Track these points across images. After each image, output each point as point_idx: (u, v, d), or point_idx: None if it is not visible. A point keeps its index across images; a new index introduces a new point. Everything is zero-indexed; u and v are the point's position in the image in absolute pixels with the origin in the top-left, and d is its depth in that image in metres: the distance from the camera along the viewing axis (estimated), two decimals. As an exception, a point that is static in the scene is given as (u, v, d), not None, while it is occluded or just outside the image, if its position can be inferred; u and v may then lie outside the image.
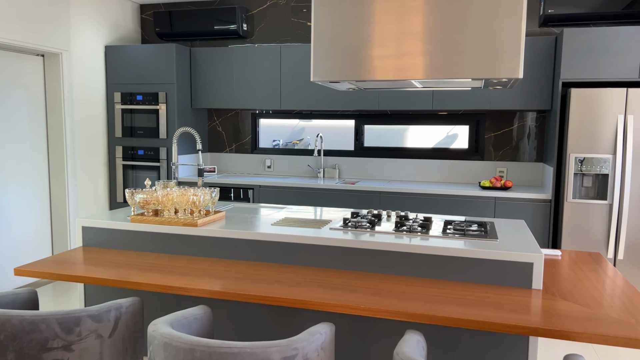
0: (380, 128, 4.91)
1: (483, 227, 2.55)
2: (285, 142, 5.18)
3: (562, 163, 3.87)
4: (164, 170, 4.85)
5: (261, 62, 4.76)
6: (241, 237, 2.48)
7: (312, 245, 2.38)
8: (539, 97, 4.12)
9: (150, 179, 4.89)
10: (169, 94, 4.78)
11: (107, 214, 2.87)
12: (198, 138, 3.03)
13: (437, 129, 4.76)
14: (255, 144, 5.27)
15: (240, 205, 3.31)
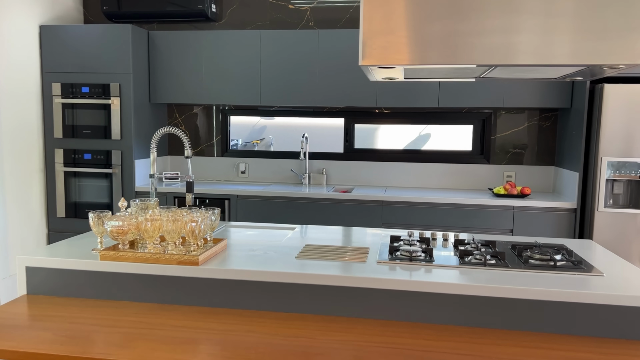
0: (371, 128, 4.32)
1: (568, 255, 2.02)
2: (244, 142, 4.48)
3: (589, 167, 3.45)
4: (117, 178, 4.00)
5: (237, 51, 4.03)
6: (263, 279, 1.80)
7: (364, 290, 1.74)
8: (557, 93, 3.70)
9: (100, 188, 4.03)
10: (123, 86, 3.94)
11: (63, 247, 2.08)
12: (187, 141, 2.31)
13: (436, 128, 4.24)
14: (226, 146, 4.52)
15: (233, 225, 2.60)
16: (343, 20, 4.19)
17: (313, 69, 3.93)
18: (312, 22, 4.24)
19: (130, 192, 4.00)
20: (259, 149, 4.49)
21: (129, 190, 4.01)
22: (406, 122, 4.25)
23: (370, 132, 4.33)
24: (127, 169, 3.99)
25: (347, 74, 3.90)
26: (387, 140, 4.32)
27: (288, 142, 4.45)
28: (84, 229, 4.09)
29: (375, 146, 4.34)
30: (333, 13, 4.20)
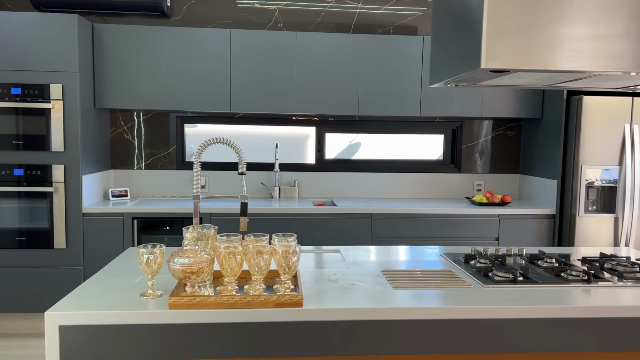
0: (340, 137, 4.13)
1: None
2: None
3: (566, 175, 3.62)
4: (59, 198, 3.31)
5: (204, 51, 3.59)
6: (386, 317, 1.51)
7: (513, 321, 1.54)
8: (529, 104, 3.84)
9: (34, 212, 3.31)
10: (67, 88, 3.28)
11: (91, 297, 1.58)
12: (241, 154, 1.92)
13: (407, 138, 4.18)
14: (181, 157, 4.01)
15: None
16: (314, 23, 3.95)
17: (290, 74, 3.64)
18: (280, 23, 3.94)
19: (76, 214, 3.34)
20: (218, 160, 4.05)
21: (74, 213, 3.34)
22: (378, 132, 4.12)
23: (338, 142, 4.14)
24: (72, 187, 3.33)
25: (327, 79, 3.67)
26: (359, 150, 4.16)
27: (253, 153, 4.08)
28: (12, 262, 3.32)
29: (346, 156, 4.15)
30: (303, 16, 3.94)
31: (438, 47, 2.02)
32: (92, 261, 3.40)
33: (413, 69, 3.71)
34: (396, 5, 3.97)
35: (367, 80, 3.69)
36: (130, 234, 3.42)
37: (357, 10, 3.96)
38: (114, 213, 3.40)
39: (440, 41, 2.00)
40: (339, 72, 3.67)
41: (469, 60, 1.68)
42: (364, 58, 3.67)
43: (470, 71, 1.66)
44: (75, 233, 3.35)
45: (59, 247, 3.34)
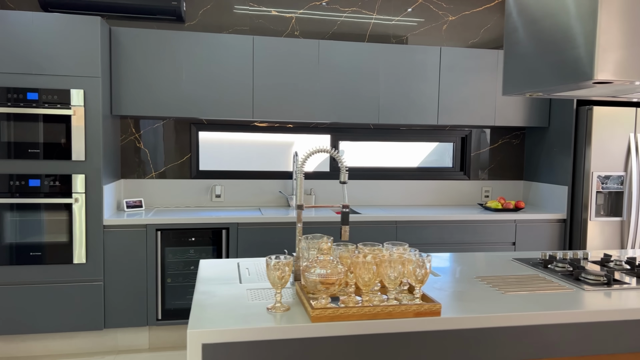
0: (355, 145, 4.15)
1: None
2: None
3: (576, 181, 3.81)
4: (80, 210, 3.13)
5: (227, 57, 3.51)
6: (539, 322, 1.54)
7: None
8: (537, 113, 4.01)
9: (52, 225, 3.10)
10: (89, 93, 3.11)
11: (233, 312, 1.51)
12: (343, 163, 1.90)
13: (418, 146, 4.26)
14: (196, 166, 3.89)
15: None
16: (330, 32, 3.96)
17: (312, 82, 3.63)
18: (297, 31, 3.92)
19: (96, 226, 3.16)
20: (233, 169, 3.96)
21: (94, 225, 3.16)
22: (391, 140, 4.18)
23: (354, 150, 4.16)
24: (93, 198, 3.15)
25: (348, 87, 3.68)
26: (371, 158, 4.20)
27: (268, 161, 4.02)
28: (28, 280, 3.10)
29: (359, 164, 4.17)
30: (320, 25, 3.94)
31: (514, 59, 2.09)
32: (112, 276, 3.23)
33: (430, 78, 3.80)
34: (409, 17, 4.05)
35: (387, 88, 3.73)
36: (154, 247, 3.28)
37: (372, 21, 4.01)
38: (137, 225, 3.25)
39: (517, 54, 2.07)
40: (360, 80, 3.69)
41: (568, 72, 1.75)
42: (383, 67, 3.72)
43: (573, 82, 1.73)
44: (95, 246, 3.17)
45: (78, 261, 3.15)
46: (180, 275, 3.35)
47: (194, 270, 3.36)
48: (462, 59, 3.83)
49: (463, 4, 4.14)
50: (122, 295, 3.25)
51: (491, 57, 3.88)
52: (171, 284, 3.34)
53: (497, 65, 3.90)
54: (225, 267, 2.05)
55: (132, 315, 3.28)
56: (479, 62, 3.86)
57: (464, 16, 4.16)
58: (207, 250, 3.38)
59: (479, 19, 4.18)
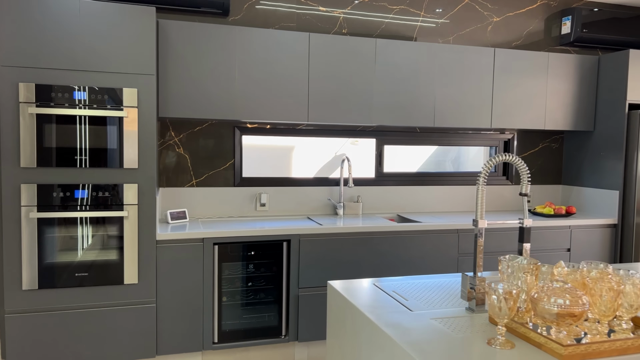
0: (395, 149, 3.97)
1: None
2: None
3: (627, 186, 3.79)
4: (131, 224, 2.78)
5: (282, 56, 3.25)
6: None
7: None
8: (582, 117, 3.97)
9: (102, 240, 2.75)
10: (143, 93, 2.78)
11: (451, 346, 1.28)
12: (526, 173, 1.71)
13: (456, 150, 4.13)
14: (239, 173, 3.59)
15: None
16: (378, 31, 3.77)
17: (369, 82, 3.42)
18: (345, 29, 3.70)
19: (149, 242, 2.83)
20: (278, 176, 3.69)
21: (147, 240, 2.83)
22: (436, 144, 4.03)
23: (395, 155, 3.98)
24: (145, 211, 2.82)
25: (405, 89, 3.50)
26: (408, 162, 4.03)
27: (312, 167, 3.77)
28: (73, 304, 2.73)
29: (399, 169, 4.00)
30: (366, 24, 3.74)
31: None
32: (165, 296, 2.90)
33: (485, 80, 3.67)
34: (455, 17, 3.92)
35: (442, 90, 3.58)
36: (211, 263, 2.97)
37: (419, 23, 3.85)
38: (193, 239, 2.93)
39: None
40: (416, 81, 3.52)
41: None
42: (439, 67, 3.56)
43: None
44: (148, 264, 2.84)
45: (130, 281, 2.80)
46: (237, 294, 3.06)
47: (252, 287, 3.08)
48: (513, 61, 3.74)
49: (507, 5, 4.05)
50: (175, 317, 2.93)
51: (541, 59, 3.81)
52: (228, 302, 3.04)
53: (547, 67, 3.83)
54: (363, 290, 1.82)
55: (187, 338, 2.96)
56: (530, 63, 3.78)
57: (508, 18, 4.07)
58: (266, 265, 3.11)
59: (522, 21, 4.11)
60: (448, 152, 4.12)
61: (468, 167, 4.18)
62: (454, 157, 4.13)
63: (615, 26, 4.09)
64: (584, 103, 3.96)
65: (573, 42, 4.09)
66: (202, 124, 3.47)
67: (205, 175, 3.50)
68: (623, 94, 3.75)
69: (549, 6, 4.17)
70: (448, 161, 4.11)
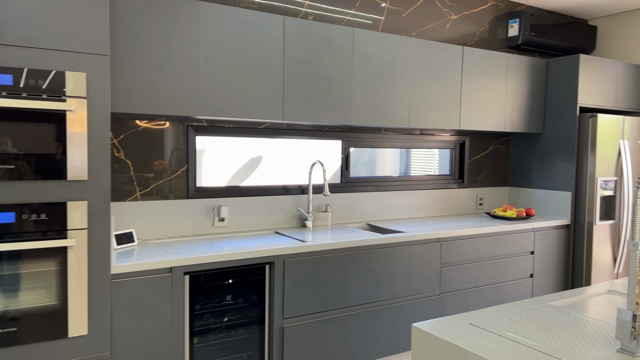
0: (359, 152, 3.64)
1: None
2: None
3: (578, 186, 3.89)
4: (78, 256, 2.06)
5: (251, 40, 2.71)
6: None
7: None
8: (532, 119, 4.01)
9: (38, 279, 1.98)
10: (94, 80, 2.07)
11: None
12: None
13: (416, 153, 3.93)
14: (194, 181, 2.95)
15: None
16: (341, 24, 3.39)
17: (347, 77, 3.03)
18: (311, 16, 3.26)
19: (101, 278, 2.13)
20: (238, 184, 3.12)
21: (99, 276, 2.12)
22: (400, 146, 3.77)
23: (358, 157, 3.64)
24: (98, 237, 2.11)
25: (383, 86, 3.18)
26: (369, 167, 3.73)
27: (276, 172, 3.27)
28: (-6, 373, 1.93)
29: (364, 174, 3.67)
30: (328, 19, 3.35)
31: None
32: (124, 347, 2.22)
33: (454, 79, 3.50)
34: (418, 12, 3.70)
35: (417, 88, 3.32)
36: (181, 298, 2.35)
37: (383, 17, 3.55)
38: (160, 270, 2.29)
39: None
40: (392, 78, 3.21)
41: None
42: (413, 63, 3.30)
43: None
44: (100, 308, 2.14)
45: (77, 333, 2.08)
46: (211, 332, 2.47)
47: (228, 322, 2.51)
48: (478, 60, 3.62)
49: (463, 2, 3.94)
50: (138, 372, 2.26)
51: (502, 60, 3.75)
52: (200, 344, 2.44)
53: (507, 68, 3.78)
54: (469, 334, 1.44)
55: (152, 398, 2.30)
56: (492, 64, 3.69)
57: (464, 16, 3.96)
58: (245, 295, 2.56)
59: (476, 20, 4.03)
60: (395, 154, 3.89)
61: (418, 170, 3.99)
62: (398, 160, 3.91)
63: (557, 32, 4.21)
64: (535, 105, 4.00)
65: (520, 45, 4.11)
66: (148, 122, 2.79)
67: (152, 185, 2.82)
68: (574, 97, 3.84)
69: (498, 7, 4.15)
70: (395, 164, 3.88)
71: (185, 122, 2.89)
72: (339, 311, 2.83)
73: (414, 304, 3.10)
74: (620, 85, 4.09)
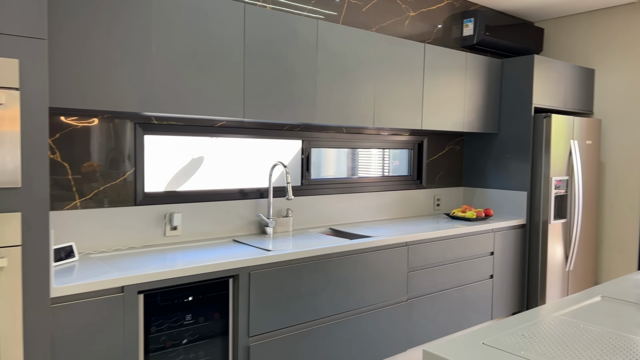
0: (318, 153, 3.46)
1: None
2: None
3: (533, 186, 3.91)
4: (10, 279, 1.71)
5: (209, 29, 2.45)
6: None
7: None
8: (487, 120, 4.00)
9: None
10: (28, 68, 1.73)
11: None
12: None
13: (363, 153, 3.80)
14: (142, 186, 2.63)
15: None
16: (307, 9, 3.19)
17: (312, 73, 2.83)
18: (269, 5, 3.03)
19: (39, 302, 1.79)
20: (191, 189, 2.83)
21: (35, 302, 1.79)
22: (362, 147, 3.61)
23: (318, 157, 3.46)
24: (35, 254, 1.78)
25: (347, 83, 3.00)
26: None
27: (232, 175, 3.01)
28: None
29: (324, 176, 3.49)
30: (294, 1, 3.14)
31: None
32: (67, 382, 1.89)
33: (415, 78, 3.40)
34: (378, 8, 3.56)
35: (381, 87, 3.18)
36: (135, 321, 2.05)
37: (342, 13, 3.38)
38: (110, 289, 1.98)
39: None
40: (356, 74, 3.05)
41: None
42: (377, 60, 3.15)
43: None
44: (38, 339, 1.80)
45: (10, 372, 1.74)
46: (169, 356, 2.18)
47: (187, 344, 2.23)
48: (439, 59, 3.54)
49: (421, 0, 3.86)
50: (84, 410, 1.94)
51: (461, 59, 3.70)
52: (157, 372, 2.15)
53: (466, 67, 3.73)
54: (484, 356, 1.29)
55: None
56: (452, 63, 3.63)
57: (422, 13, 3.88)
58: (207, 313, 2.29)
59: (432, 18, 3.96)
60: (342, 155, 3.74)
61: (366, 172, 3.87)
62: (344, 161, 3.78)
63: (508, 33, 4.23)
64: (491, 106, 3.99)
65: (475, 44, 4.09)
66: (88, 118, 2.44)
67: (94, 191, 2.47)
68: (529, 97, 3.86)
69: (453, 6, 4.11)
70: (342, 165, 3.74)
71: (133, 119, 2.57)
72: (308, 325, 2.62)
73: (382, 312, 2.96)
74: (569, 86, 4.18)
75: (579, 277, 4.19)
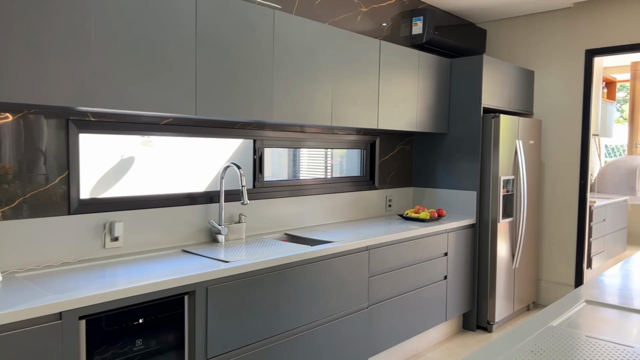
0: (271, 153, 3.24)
1: None
2: None
3: (482, 186, 3.93)
4: None
5: (159, 14, 2.17)
6: None
7: None
8: (440, 119, 3.97)
9: None
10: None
11: None
12: None
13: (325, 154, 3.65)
14: (76, 192, 2.29)
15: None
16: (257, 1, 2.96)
17: (268, 66, 2.62)
18: None
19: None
20: (134, 194, 2.52)
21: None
22: (316, 147, 3.44)
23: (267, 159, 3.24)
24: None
25: (306, 77, 2.82)
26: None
27: (178, 177, 2.72)
28: None
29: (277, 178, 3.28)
30: None
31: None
32: None
33: (371, 76, 3.27)
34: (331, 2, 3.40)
35: (338, 84, 3.03)
36: (76, 350, 1.75)
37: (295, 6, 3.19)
38: (44, 317, 1.67)
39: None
40: (313, 70, 2.87)
41: None
42: (334, 55, 2.99)
43: None
44: (-45, 384, 1.47)
45: None
46: (116, 390, 1.90)
47: (138, 373, 1.96)
48: (393, 57, 3.44)
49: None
50: None
51: (414, 57, 3.63)
52: (102, 409, 1.85)
53: (418, 66, 3.67)
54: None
55: None
56: (405, 61, 3.55)
57: (373, 9, 3.77)
58: (159, 336, 2.02)
59: (383, 15, 3.86)
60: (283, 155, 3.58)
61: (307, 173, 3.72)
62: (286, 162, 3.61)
63: (455, 33, 4.24)
64: (441, 105, 3.96)
65: (424, 43, 4.05)
66: (13, 114, 2.08)
67: (18, 199, 2.11)
68: (478, 97, 3.87)
69: (403, 3, 4.04)
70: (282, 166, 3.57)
71: (66, 115, 2.23)
72: (269, 341, 2.41)
73: (345, 321, 2.80)
74: (513, 87, 4.25)
75: (523, 274, 4.28)
